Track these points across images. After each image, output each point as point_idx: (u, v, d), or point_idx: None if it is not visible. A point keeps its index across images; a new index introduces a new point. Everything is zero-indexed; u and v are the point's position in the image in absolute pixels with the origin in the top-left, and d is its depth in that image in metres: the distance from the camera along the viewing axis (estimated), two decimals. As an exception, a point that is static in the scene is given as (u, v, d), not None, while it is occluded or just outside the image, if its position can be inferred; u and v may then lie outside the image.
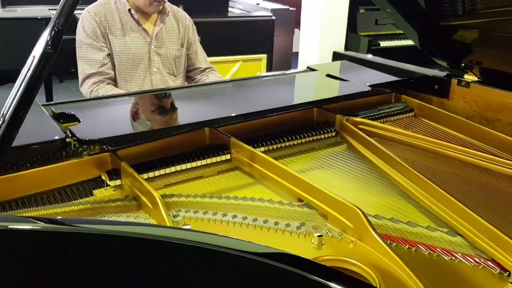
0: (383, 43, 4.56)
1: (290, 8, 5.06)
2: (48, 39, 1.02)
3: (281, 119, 1.73)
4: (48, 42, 1.02)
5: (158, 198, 1.21)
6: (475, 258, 1.13)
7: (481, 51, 1.86)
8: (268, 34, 4.36)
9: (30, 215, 1.20)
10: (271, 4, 5.05)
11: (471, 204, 1.24)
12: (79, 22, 2.29)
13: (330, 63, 2.67)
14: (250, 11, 4.69)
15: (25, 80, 1.00)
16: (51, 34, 1.02)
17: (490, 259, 1.13)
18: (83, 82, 2.28)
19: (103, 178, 1.38)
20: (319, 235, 1.17)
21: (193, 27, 2.52)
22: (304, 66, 2.34)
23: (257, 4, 4.98)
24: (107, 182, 1.36)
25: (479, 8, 1.70)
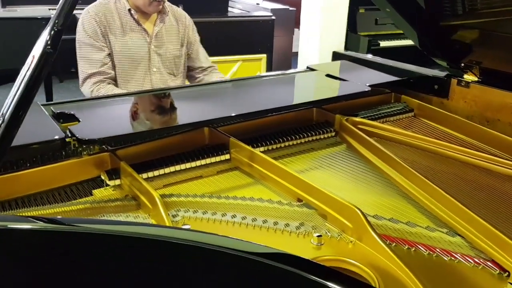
0: (383, 43, 4.57)
1: (290, 8, 5.06)
2: (47, 39, 1.02)
3: (280, 119, 1.73)
4: (48, 41, 1.02)
5: (157, 198, 1.21)
6: (474, 259, 1.13)
7: (481, 51, 1.86)
8: (268, 34, 4.35)
9: (29, 215, 1.20)
10: (271, 4, 5.05)
11: (470, 204, 1.24)
12: (79, 22, 2.29)
13: (329, 63, 2.67)
14: (250, 11, 4.69)
15: (24, 79, 1.00)
16: (51, 33, 1.02)
17: (489, 260, 1.13)
18: (84, 82, 2.28)
19: (102, 178, 1.38)
20: (318, 235, 1.17)
21: (193, 27, 2.52)
22: (304, 66, 2.34)
23: (257, 4, 4.98)
24: (107, 182, 1.36)
25: (479, 8, 1.70)
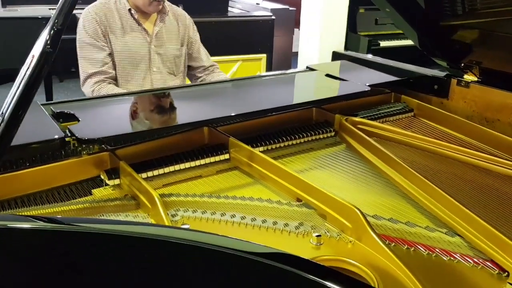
0: (383, 43, 4.56)
1: (290, 8, 5.05)
2: (47, 38, 1.02)
3: (280, 118, 1.73)
4: (47, 41, 1.02)
5: (156, 197, 1.21)
6: (473, 259, 1.13)
7: (481, 51, 1.86)
8: (268, 34, 4.35)
9: (29, 214, 1.20)
10: (271, 4, 5.05)
11: (470, 204, 1.24)
12: (80, 22, 2.29)
13: (329, 63, 2.67)
14: (250, 11, 4.69)
15: (24, 79, 1.00)
16: (50, 33, 1.02)
17: (489, 260, 1.13)
18: (85, 81, 2.28)
19: (102, 177, 1.38)
20: (318, 235, 1.17)
21: (193, 26, 2.52)
22: (304, 66, 2.34)
23: (257, 4, 4.97)
24: (106, 182, 1.36)
25: (479, 8, 1.70)
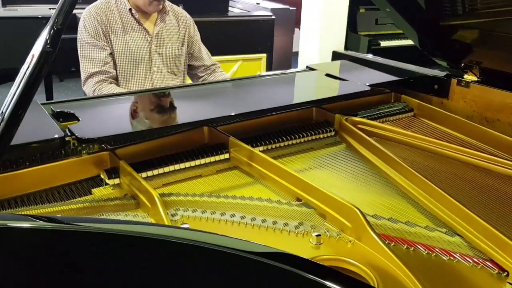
0: (383, 43, 4.56)
1: (290, 8, 5.05)
2: (47, 38, 1.02)
3: (280, 118, 1.73)
4: (47, 40, 1.02)
5: (156, 197, 1.21)
6: (473, 258, 1.13)
7: (481, 51, 1.86)
8: (268, 33, 4.35)
9: (29, 214, 1.20)
10: (271, 3, 5.05)
11: (470, 204, 1.24)
12: (81, 22, 2.29)
13: (329, 63, 2.67)
14: (250, 11, 4.68)
15: (24, 78, 1.00)
16: (50, 32, 1.02)
17: (488, 259, 1.13)
18: (86, 81, 2.28)
19: (102, 177, 1.38)
20: (317, 235, 1.17)
21: (194, 26, 2.52)
22: (304, 65, 2.33)
23: (257, 3, 4.97)
24: (106, 181, 1.36)
25: (479, 8, 1.70)
